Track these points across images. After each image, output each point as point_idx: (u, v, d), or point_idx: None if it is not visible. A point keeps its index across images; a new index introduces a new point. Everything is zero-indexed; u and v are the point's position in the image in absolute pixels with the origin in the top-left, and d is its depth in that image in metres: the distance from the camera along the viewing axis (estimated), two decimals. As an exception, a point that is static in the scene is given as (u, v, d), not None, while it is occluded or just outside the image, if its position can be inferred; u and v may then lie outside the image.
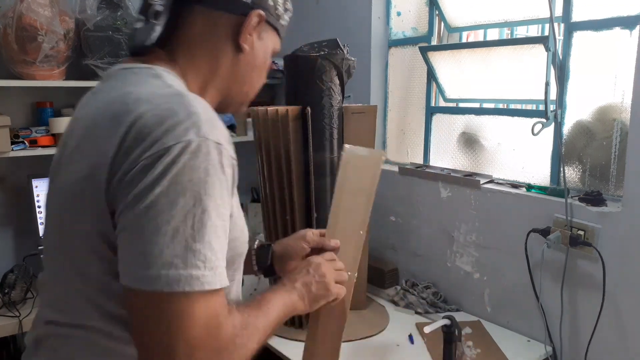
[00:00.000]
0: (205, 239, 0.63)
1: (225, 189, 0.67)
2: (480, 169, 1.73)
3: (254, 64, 0.86)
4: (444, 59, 1.78)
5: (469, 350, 1.46)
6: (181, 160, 0.62)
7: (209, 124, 0.66)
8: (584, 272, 1.41)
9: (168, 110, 0.66)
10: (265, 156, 1.55)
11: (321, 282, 0.97)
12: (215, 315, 0.64)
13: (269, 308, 0.83)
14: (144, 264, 0.61)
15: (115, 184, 0.64)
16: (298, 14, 1.09)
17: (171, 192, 0.62)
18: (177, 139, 0.63)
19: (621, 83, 1.35)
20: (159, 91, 0.71)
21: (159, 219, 0.61)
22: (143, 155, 0.63)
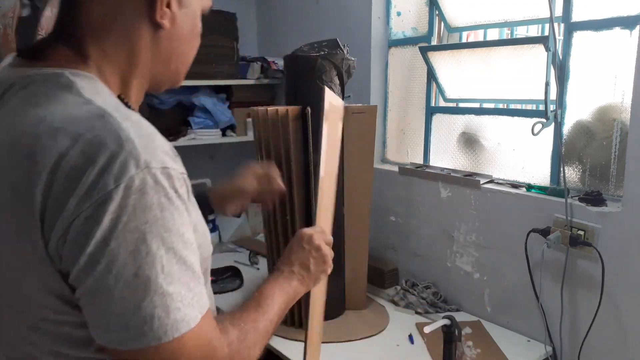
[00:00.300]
0: (179, 277, 0.58)
1: (184, 211, 0.59)
2: (480, 169, 1.73)
3: (181, 37, 0.72)
4: (444, 59, 1.78)
5: (469, 350, 1.46)
6: (129, 204, 0.54)
7: (147, 147, 0.57)
8: (584, 272, 1.41)
9: (96, 143, 0.55)
10: (265, 156, 1.55)
11: (318, 256, 0.93)
12: (208, 341, 0.62)
13: (269, 304, 0.80)
14: (122, 325, 0.55)
15: (56, 244, 0.56)
16: (298, 14, 1.09)
17: (129, 242, 0.54)
18: (117, 180, 0.54)
19: (621, 83, 1.35)
20: (76, 113, 0.58)
21: (125, 274, 0.54)
22: (81, 206, 0.54)
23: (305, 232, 0.95)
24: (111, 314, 0.55)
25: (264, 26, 2.62)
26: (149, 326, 0.55)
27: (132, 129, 0.57)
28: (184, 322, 0.57)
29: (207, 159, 2.61)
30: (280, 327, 1.56)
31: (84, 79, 0.63)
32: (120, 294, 0.55)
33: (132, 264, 0.55)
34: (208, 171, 2.53)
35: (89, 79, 0.64)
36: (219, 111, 2.31)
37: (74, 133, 0.56)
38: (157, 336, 0.56)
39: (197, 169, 2.53)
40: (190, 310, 0.58)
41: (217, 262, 2.12)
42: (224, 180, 1.12)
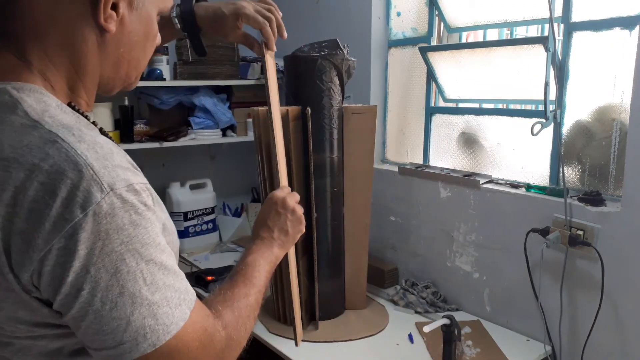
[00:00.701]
0: (163, 282, 0.59)
1: (155, 220, 0.60)
2: (479, 169, 1.74)
3: (131, 41, 0.67)
4: (444, 59, 1.78)
5: (468, 350, 1.46)
6: (102, 229, 0.54)
7: (107, 168, 0.56)
8: (583, 271, 1.41)
9: (53, 173, 0.53)
10: (265, 156, 1.56)
11: (294, 219, 0.97)
12: (203, 331, 0.64)
13: (256, 277, 0.82)
14: (117, 341, 0.57)
15: (30, 277, 0.55)
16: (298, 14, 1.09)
17: (109, 266, 0.55)
18: (84, 209, 0.53)
19: (620, 83, 1.36)
20: (26, 139, 0.55)
21: (110, 296, 0.55)
22: (51, 240, 0.53)
23: (277, 195, 0.97)
24: (104, 333, 0.57)
25: (264, 26, 2.62)
26: (142, 336, 0.57)
27: (88, 153, 0.55)
28: (173, 324, 0.59)
29: (208, 159, 2.62)
30: (278, 326, 1.58)
31: (29, 94, 0.60)
32: (109, 315, 0.56)
33: (115, 284, 0.56)
34: (208, 171, 2.54)
35: (34, 92, 0.60)
36: (220, 111, 2.32)
37: (28, 164, 0.54)
38: (151, 343, 0.58)
39: (198, 169, 2.54)
40: (178, 310, 0.60)
41: (217, 262, 2.13)
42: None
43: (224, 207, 2.59)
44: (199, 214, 2.34)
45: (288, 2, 2.40)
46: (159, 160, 2.43)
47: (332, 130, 1.54)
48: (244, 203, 2.65)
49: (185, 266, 2.16)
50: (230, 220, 2.52)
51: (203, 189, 2.40)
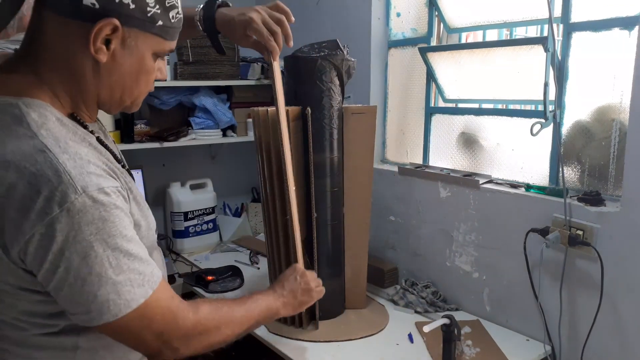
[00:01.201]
0: (125, 267, 0.74)
1: (124, 215, 0.75)
2: (479, 169, 1.74)
3: (122, 72, 0.80)
4: (444, 60, 1.79)
5: (468, 350, 1.47)
6: (74, 222, 0.69)
7: (82, 174, 0.71)
8: (582, 271, 1.41)
9: (38, 176, 0.69)
10: (265, 156, 1.56)
11: (306, 288, 1.18)
12: (166, 308, 0.81)
13: (252, 306, 1.02)
14: (86, 309, 0.73)
15: (17, 253, 0.71)
16: (298, 14, 1.10)
17: (80, 251, 0.70)
18: (60, 205, 0.68)
19: (620, 83, 1.36)
20: (23, 147, 0.71)
21: (81, 274, 0.71)
22: (34, 227, 0.69)
23: (300, 267, 1.24)
24: (77, 303, 0.73)
25: (264, 27, 2.62)
26: (106, 308, 0.74)
27: (68, 162, 0.70)
28: (134, 300, 0.75)
29: (208, 159, 2.62)
30: (278, 326, 1.58)
31: (35, 109, 0.74)
32: (81, 289, 0.72)
33: (85, 266, 0.71)
34: (209, 171, 2.54)
35: (39, 107, 0.75)
36: (220, 111, 2.32)
37: (21, 167, 0.69)
38: (113, 313, 0.74)
39: (198, 169, 2.54)
40: (140, 289, 0.76)
41: (218, 262, 2.13)
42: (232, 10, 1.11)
43: (224, 207, 2.59)
44: (199, 214, 2.34)
45: (288, 2, 2.40)
46: (159, 160, 2.44)
47: (332, 130, 1.54)
48: (244, 203, 2.66)
49: (185, 266, 2.16)
50: (230, 220, 2.53)
51: (203, 189, 2.40)
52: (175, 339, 0.83)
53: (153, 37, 0.80)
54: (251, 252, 2.26)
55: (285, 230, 1.59)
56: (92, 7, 0.72)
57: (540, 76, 1.45)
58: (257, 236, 2.50)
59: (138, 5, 0.75)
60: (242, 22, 1.06)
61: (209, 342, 0.90)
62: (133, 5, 0.75)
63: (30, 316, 0.78)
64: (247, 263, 2.15)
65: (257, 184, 2.65)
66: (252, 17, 1.05)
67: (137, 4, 0.75)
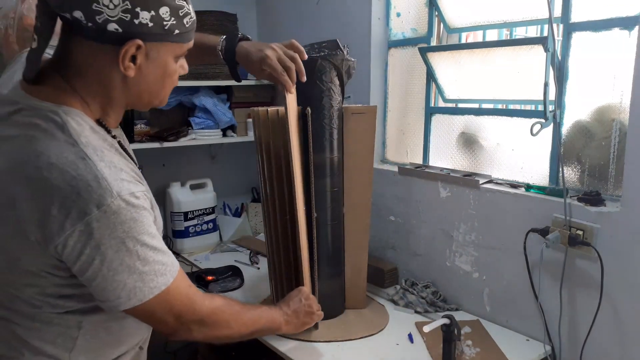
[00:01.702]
0: (150, 259, 0.86)
1: (149, 215, 0.86)
2: (479, 169, 1.74)
3: (148, 81, 0.89)
4: (444, 60, 1.79)
5: (468, 349, 1.47)
6: (110, 221, 0.80)
7: (116, 180, 0.81)
8: (582, 271, 1.41)
9: (80, 180, 0.79)
10: (265, 156, 1.56)
11: (308, 310, 1.33)
12: (185, 295, 0.94)
13: (260, 313, 1.19)
14: (115, 296, 0.85)
15: (55, 247, 0.81)
16: (298, 14, 1.10)
17: (113, 245, 0.82)
18: (98, 207, 0.79)
19: (620, 83, 1.36)
20: (65, 152, 0.80)
21: (114, 265, 0.83)
22: (75, 225, 0.79)
23: (306, 290, 1.38)
24: (107, 290, 0.85)
25: (264, 27, 2.63)
26: (133, 294, 0.86)
27: (105, 169, 0.81)
28: (156, 288, 0.88)
29: (208, 159, 2.62)
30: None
31: (73, 117, 0.84)
32: (112, 278, 0.84)
33: (117, 258, 0.83)
34: (209, 171, 2.54)
35: (76, 115, 0.84)
36: (220, 111, 2.32)
37: (64, 170, 0.79)
38: (139, 298, 0.87)
39: (198, 169, 2.54)
40: (162, 277, 0.89)
41: (218, 262, 2.13)
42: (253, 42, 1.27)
43: (224, 207, 2.59)
44: (199, 214, 2.34)
45: (288, 2, 2.41)
46: (159, 160, 2.44)
47: (332, 130, 1.54)
48: (244, 203, 2.66)
49: (185, 266, 2.16)
50: (230, 220, 2.53)
51: (203, 189, 2.40)
52: (191, 322, 0.97)
53: (172, 44, 0.88)
54: (251, 252, 2.26)
55: (285, 230, 1.59)
56: (115, 32, 0.81)
57: (540, 76, 1.45)
58: (257, 236, 2.50)
59: (156, 22, 0.83)
60: (258, 58, 1.20)
61: (218, 333, 1.04)
62: (152, 24, 0.83)
63: (45, 296, 0.88)
64: (247, 263, 2.15)
65: (257, 184, 2.65)
66: (267, 54, 1.20)
67: (155, 21, 0.83)
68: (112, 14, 0.80)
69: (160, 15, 0.83)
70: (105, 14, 0.79)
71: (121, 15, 0.80)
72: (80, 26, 0.80)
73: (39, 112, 0.83)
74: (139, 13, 0.81)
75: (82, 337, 0.92)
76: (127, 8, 0.80)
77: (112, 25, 0.80)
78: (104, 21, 0.80)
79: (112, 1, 0.79)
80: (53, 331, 0.90)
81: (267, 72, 1.22)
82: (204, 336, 1.02)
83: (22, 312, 0.90)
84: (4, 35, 1.77)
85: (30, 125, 0.83)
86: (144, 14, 0.81)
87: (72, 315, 0.90)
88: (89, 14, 0.79)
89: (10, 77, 0.92)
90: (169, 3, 0.84)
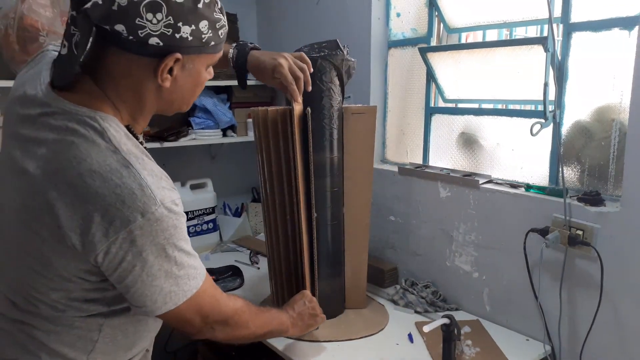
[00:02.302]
0: (185, 264, 0.89)
1: (184, 221, 0.88)
2: (479, 169, 1.74)
3: (182, 90, 0.91)
4: (443, 60, 1.79)
5: (468, 349, 1.47)
6: (153, 228, 0.81)
7: (158, 188, 0.83)
8: (582, 271, 1.41)
9: (124, 188, 0.79)
10: (265, 156, 1.56)
11: (312, 313, 1.37)
12: (212, 295, 0.98)
13: (272, 315, 1.24)
14: (152, 301, 0.87)
15: (96, 256, 0.81)
16: (298, 14, 1.11)
17: (154, 252, 0.83)
18: (143, 215, 0.80)
19: (620, 83, 1.36)
20: (108, 160, 0.81)
21: (153, 271, 0.85)
22: (119, 232, 0.79)
23: (309, 294, 1.42)
24: (145, 295, 0.87)
25: (264, 27, 2.63)
26: (169, 298, 0.89)
27: (148, 178, 0.82)
28: (189, 291, 0.91)
29: (208, 159, 2.62)
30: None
31: (110, 124, 0.84)
32: (151, 284, 0.86)
33: (157, 264, 0.85)
34: (209, 171, 2.54)
35: (112, 122, 0.85)
36: (220, 111, 2.32)
37: (107, 178, 0.80)
38: (174, 303, 0.89)
39: (198, 169, 2.54)
40: (194, 281, 0.92)
41: (218, 262, 2.13)
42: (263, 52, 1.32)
43: (224, 207, 2.59)
44: (199, 214, 2.34)
45: (288, 2, 2.41)
46: (159, 160, 2.37)
47: (332, 130, 1.54)
48: (244, 203, 2.66)
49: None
50: (230, 220, 2.53)
51: (203, 189, 2.40)
52: (216, 322, 1.01)
53: (207, 55, 0.90)
54: (251, 252, 2.26)
55: (285, 230, 1.59)
56: (156, 45, 0.81)
57: (540, 76, 1.45)
58: (257, 236, 2.50)
59: (195, 36, 0.84)
60: (272, 66, 1.26)
61: (238, 333, 1.08)
62: (191, 37, 0.84)
63: (71, 300, 0.88)
64: (247, 263, 2.15)
65: (257, 184, 2.65)
66: (280, 63, 1.26)
67: (194, 35, 0.84)
68: (154, 29, 0.80)
69: (200, 29, 0.84)
70: (148, 29, 0.80)
71: (163, 30, 0.81)
72: (120, 38, 0.80)
73: (75, 116, 0.83)
74: (180, 28, 0.82)
75: (102, 340, 0.93)
76: (169, 23, 0.81)
77: (154, 40, 0.81)
78: (146, 35, 0.80)
79: (155, 16, 0.79)
80: (74, 334, 0.91)
81: (278, 81, 1.27)
82: (224, 335, 1.05)
83: (43, 316, 0.90)
84: (4, 35, 1.77)
85: (67, 129, 0.82)
86: (185, 28, 0.82)
87: (94, 319, 0.91)
88: (131, 28, 0.79)
89: (35, 76, 0.91)
90: (208, 17, 0.85)
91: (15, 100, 0.91)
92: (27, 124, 0.86)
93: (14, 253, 0.90)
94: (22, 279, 0.89)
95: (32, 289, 0.88)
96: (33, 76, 0.91)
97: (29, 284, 0.88)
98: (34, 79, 0.90)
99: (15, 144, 0.88)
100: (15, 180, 0.86)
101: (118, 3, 0.78)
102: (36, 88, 0.88)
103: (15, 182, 0.86)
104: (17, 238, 0.88)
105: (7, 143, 0.91)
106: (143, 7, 0.79)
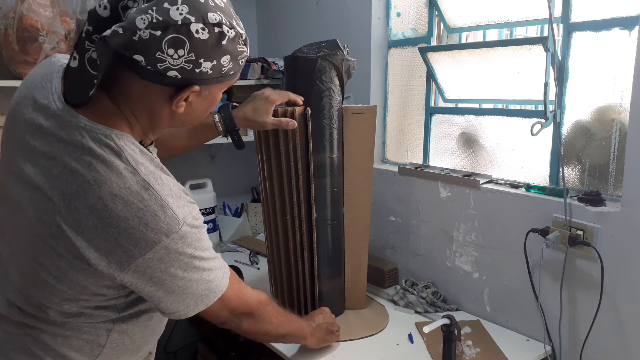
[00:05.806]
0: (212, 268, 0.93)
1: (206, 230, 0.91)
2: (479, 169, 1.74)
3: (197, 113, 0.92)
4: (444, 60, 1.79)
5: (468, 350, 1.47)
6: (178, 246, 0.84)
7: (179, 207, 0.84)
8: (583, 271, 1.41)
9: (146, 211, 0.80)
10: (265, 156, 1.56)
11: (330, 329, 1.42)
12: (237, 289, 1.02)
13: (292, 318, 1.27)
14: (184, 306, 0.91)
15: (122, 276, 0.82)
16: (298, 14, 1.11)
17: (183, 266, 0.86)
18: (167, 235, 0.82)
19: (620, 83, 1.36)
20: (128, 182, 0.81)
21: (184, 282, 0.88)
22: (145, 252, 0.81)
23: (327, 310, 1.48)
24: (178, 302, 0.90)
25: (264, 27, 2.63)
26: (201, 301, 0.93)
27: (169, 198, 0.83)
28: (219, 291, 0.95)
29: (208, 159, 2.62)
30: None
31: (127, 143, 0.84)
32: (183, 292, 0.89)
33: (187, 276, 0.88)
34: (209, 171, 2.54)
35: (128, 140, 0.84)
36: (220, 111, 2.32)
37: (129, 201, 0.80)
38: (206, 304, 0.94)
39: (198, 169, 2.54)
40: (222, 281, 0.96)
41: (218, 262, 2.13)
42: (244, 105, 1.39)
43: (224, 207, 2.59)
44: (199, 214, 2.34)
45: (288, 2, 2.41)
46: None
47: (332, 130, 1.54)
48: (244, 203, 2.65)
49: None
50: (230, 220, 2.52)
51: (203, 189, 2.40)
52: (242, 314, 1.05)
53: (225, 82, 0.89)
54: (251, 252, 2.26)
55: (285, 230, 1.58)
56: (175, 78, 0.80)
57: (540, 76, 1.44)
58: (257, 236, 2.50)
59: (215, 69, 0.83)
60: (263, 103, 1.36)
61: (262, 327, 1.11)
62: (211, 71, 0.83)
63: (84, 308, 0.89)
64: (247, 263, 2.15)
65: (257, 184, 2.65)
66: (268, 93, 1.37)
67: (215, 69, 0.83)
68: (174, 63, 0.79)
69: (221, 63, 0.83)
70: (168, 62, 0.78)
71: (184, 65, 0.79)
72: (139, 66, 0.79)
73: (90, 133, 0.82)
74: (201, 63, 0.80)
75: (109, 345, 0.93)
76: (190, 59, 0.79)
77: (173, 73, 0.80)
78: (165, 68, 0.79)
79: (177, 52, 0.78)
80: (82, 339, 0.91)
81: (274, 120, 1.39)
82: (248, 327, 1.08)
83: (51, 321, 0.89)
84: (3, 35, 1.76)
85: (83, 148, 0.81)
86: (206, 64, 0.81)
87: (103, 324, 0.91)
88: (150, 60, 0.78)
89: (45, 83, 0.88)
90: (231, 52, 0.84)
91: (23, 103, 0.88)
92: (37, 135, 0.84)
93: (25, 263, 0.87)
94: (32, 288, 0.88)
95: (42, 298, 0.87)
96: (42, 83, 0.88)
97: (39, 293, 0.87)
98: (43, 86, 0.87)
99: (24, 154, 0.85)
100: (27, 192, 0.84)
101: (140, 35, 0.76)
102: (48, 98, 0.85)
103: (27, 193, 0.84)
104: (29, 249, 0.86)
105: (14, 149, 0.88)
106: (165, 42, 0.77)
